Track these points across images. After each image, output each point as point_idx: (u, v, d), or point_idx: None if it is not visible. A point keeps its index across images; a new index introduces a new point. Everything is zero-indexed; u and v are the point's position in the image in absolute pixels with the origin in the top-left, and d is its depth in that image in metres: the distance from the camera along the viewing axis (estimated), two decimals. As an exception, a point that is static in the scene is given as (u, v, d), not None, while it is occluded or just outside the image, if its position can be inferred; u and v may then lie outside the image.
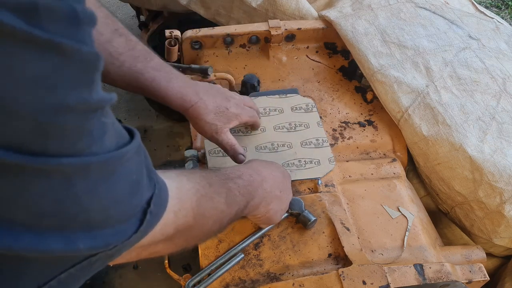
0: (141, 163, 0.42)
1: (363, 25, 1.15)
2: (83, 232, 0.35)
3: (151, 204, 0.42)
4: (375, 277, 0.75)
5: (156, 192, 0.44)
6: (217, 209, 0.59)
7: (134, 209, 0.41)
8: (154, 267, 1.46)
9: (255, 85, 1.08)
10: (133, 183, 0.40)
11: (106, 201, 0.37)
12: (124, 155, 0.38)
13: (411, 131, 1.01)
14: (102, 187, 0.36)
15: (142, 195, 0.42)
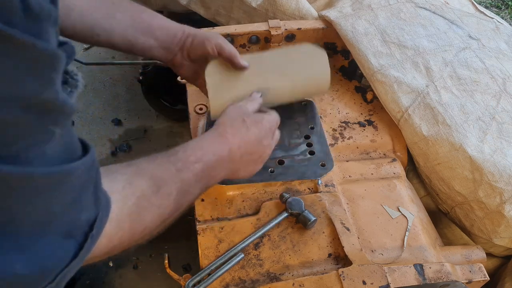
0: (89, 181, 0.40)
1: (363, 25, 1.15)
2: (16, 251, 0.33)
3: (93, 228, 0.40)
4: (375, 277, 0.75)
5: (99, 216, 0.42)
6: (163, 215, 0.56)
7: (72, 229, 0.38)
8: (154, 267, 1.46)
9: (255, 85, 1.08)
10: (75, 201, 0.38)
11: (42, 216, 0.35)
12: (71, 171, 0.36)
13: (411, 131, 1.01)
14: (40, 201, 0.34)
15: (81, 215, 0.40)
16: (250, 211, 0.90)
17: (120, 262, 1.47)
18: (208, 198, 0.92)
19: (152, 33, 0.85)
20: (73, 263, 0.38)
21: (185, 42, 0.87)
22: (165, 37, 0.86)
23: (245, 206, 0.91)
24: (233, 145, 0.69)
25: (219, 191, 0.92)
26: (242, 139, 0.71)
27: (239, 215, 0.89)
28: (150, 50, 0.86)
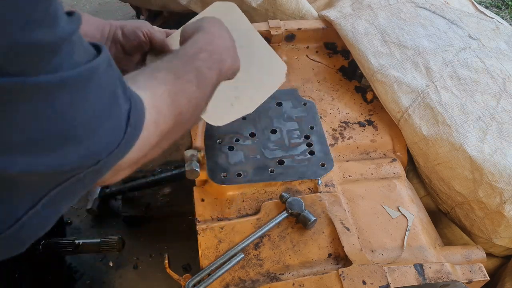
0: (114, 75, 0.43)
1: (363, 25, 1.15)
2: (73, 147, 0.37)
3: (130, 117, 0.43)
4: (375, 277, 0.75)
5: (133, 105, 0.45)
6: (192, 99, 0.60)
7: (115, 121, 0.42)
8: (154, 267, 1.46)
9: (255, 85, 1.08)
10: (110, 94, 0.41)
11: (88, 114, 0.38)
12: (96, 67, 0.39)
13: (411, 131, 1.01)
14: (82, 100, 0.37)
15: (120, 106, 0.43)
16: (250, 211, 0.90)
17: (120, 262, 1.47)
18: (208, 198, 0.92)
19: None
20: (116, 151, 0.42)
21: (115, 34, 0.85)
22: (93, 32, 0.83)
23: (245, 206, 0.91)
24: (216, 35, 0.73)
25: (219, 191, 0.92)
26: (220, 29, 0.76)
27: (239, 215, 0.89)
28: None
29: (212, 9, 0.97)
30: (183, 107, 0.57)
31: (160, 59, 0.62)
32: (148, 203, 1.53)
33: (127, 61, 0.89)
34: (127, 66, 0.89)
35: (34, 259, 1.16)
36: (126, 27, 0.85)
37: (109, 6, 2.44)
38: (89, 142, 0.38)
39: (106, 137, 0.40)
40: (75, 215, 1.58)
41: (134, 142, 0.45)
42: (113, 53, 0.86)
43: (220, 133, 0.99)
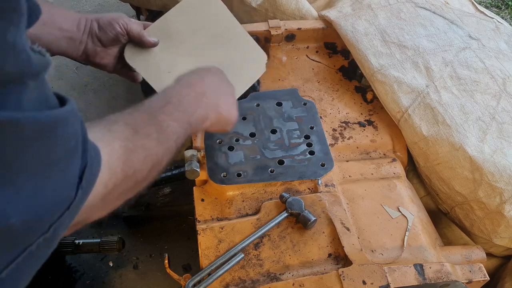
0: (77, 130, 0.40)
1: (363, 25, 1.15)
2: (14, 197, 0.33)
3: (82, 179, 0.40)
4: (375, 277, 0.75)
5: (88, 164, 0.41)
6: (150, 156, 0.56)
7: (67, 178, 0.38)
8: (154, 267, 1.46)
9: (255, 85, 1.08)
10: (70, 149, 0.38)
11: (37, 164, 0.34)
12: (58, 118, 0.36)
13: (411, 131, 1.01)
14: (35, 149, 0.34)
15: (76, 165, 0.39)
16: (250, 211, 0.90)
17: (120, 262, 1.47)
18: (208, 198, 0.92)
19: (55, 23, 0.81)
20: (66, 213, 0.38)
21: (91, 27, 0.85)
22: (69, 26, 0.82)
23: (245, 206, 0.91)
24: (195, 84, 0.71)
25: (219, 191, 0.92)
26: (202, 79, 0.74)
27: (239, 215, 0.89)
28: (57, 42, 0.81)
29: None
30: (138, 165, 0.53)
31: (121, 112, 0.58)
32: (148, 203, 1.53)
33: (105, 53, 0.89)
34: (105, 59, 0.89)
35: (34, 259, 1.16)
36: (102, 20, 0.85)
37: (109, 6, 2.44)
38: (33, 196, 0.34)
39: (54, 195, 0.36)
40: (75, 215, 1.58)
41: (81, 205, 0.41)
42: (90, 46, 0.85)
43: (220, 133, 0.99)
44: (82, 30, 0.84)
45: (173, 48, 0.94)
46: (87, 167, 0.41)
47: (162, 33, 0.94)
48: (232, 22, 0.98)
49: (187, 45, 0.95)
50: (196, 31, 0.96)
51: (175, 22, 0.96)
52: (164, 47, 0.94)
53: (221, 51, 0.96)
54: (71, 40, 0.83)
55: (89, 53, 0.87)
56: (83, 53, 0.86)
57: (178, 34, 0.95)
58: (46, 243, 0.37)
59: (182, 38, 0.95)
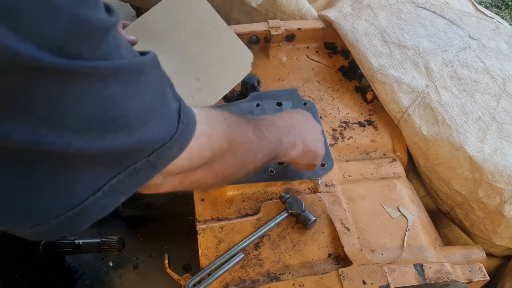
0: (162, 75, 0.45)
1: (363, 25, 1.15)
2: (126, 135, 0.38)
3: (180, 115, 0.44)
4: (375, 277, 0.75)
5: (182, 105, 0.46)
6: (247, 137, 0.60)
7: (166, 116, 0.43)
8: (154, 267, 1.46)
9: (255, 85, 1.08)
10: (159, 91, 0.43)
11: (139, 106, 0.39)
12: (145, 63, 0.40)
13: (411, 131, 1.01)
14: (133, 91, 0.38)
15: (170, 104, 0.44)
16: (250, 211, 0.90)
17: (120, 262, 1.47)
18: (208, 198, 0.92)
19: None
20: (169, 143, 0.43)
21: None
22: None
23: (245, 206, 0.91)
24: (280, 114, 0.77)
25: (219, 191, 0.92)
26: (285, 113, 0.79)
27: (239, 215, 0.89)
28: None
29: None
30: (237, 137, 0.57)
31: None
32: (148, 203, 1.53)
33: None
34: None
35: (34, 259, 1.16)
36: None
37: (109, 6, 2.44)
38: (141, 132, 0.39)
39: (158, 130, 0.41)
40: (75, 215, 1.58)
41: (187, 140, 0.46)
42: None
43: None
44: None
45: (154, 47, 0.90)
46: (181, 107, 0.45)
47: (142, 32, 0.91)
48: (217, 20, 0.95)
49: (168, 43, 0.92)
50: (178, 30, 0.93)
51: (156, 20, 0.93)
52: (144, 46, 0.90)
53: (204, 49, 0.93)
54: None
55: None
56: None
57: (158, 33, 0.92)
58: (148, 166, 0.42)
59: (162, 36, 0.92)
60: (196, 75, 0.89)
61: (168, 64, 0.87)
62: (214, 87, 0.90)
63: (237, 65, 0.94)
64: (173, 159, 0.45)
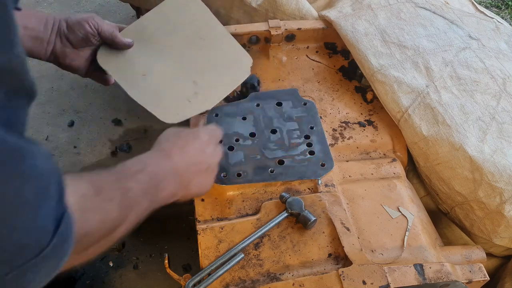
0: (50, 171, 0.38)
1: (363, 25, 1.15)
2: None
3: (60, 225, 0.37)
4: (375, 277, 0.75)
5: (66, 214, 0.39)
6: (106, 220, 0.51)
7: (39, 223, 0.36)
8: (154, 267, 1.46)
9: (255, 85, 1.08)
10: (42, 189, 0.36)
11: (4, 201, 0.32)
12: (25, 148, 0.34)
13: (411, 131, 1.01)
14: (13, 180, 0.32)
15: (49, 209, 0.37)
16: (250, 211, 0.90)
17: (120, 262, 1.47)
18: (208, 198, 0.92)
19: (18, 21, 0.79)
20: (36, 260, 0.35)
21: (60, 27, 0.80)
22: (34, 24, 0.78)
23: (245, 206, 0.91)
24: (174, 156, 0.67)
25: (219, 191, 0.92)
26: (182, 150, 0.69)
27: (239, 215, 0.89)
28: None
29: (171, 1, 0.93)
30: (92, 227, 0.48)
31: (92, 171, 0.54)
32: (148, 203, 1.53)
33: (75, 55, 0.84)
34: (76, 61, 0.85)
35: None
36: (71, 19, 0.81)
37: (109, 6, 2.44)
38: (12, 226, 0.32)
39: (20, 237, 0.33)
40: (75, 215, 1.58)
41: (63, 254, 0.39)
42: (58, 47, 0.82)
43: None
44: (49, 30, 0.80)
45: (150, 50, 0.90)
46: (65, 215, 0.38)
47: (138, 35, 0.89)
48: (215, 24, 0.94)
49: (165, 47, 0.91)
50: (175, 33, 0.91)
51: (153, 24, 0.91)
52: (139, 49, 0.89)
53: (201, 53, 0.91)
54: (37, 40, 0.79)
55: (58, 54, 0.83)
56: (51, 54, 0.82)
57: (155, 36, 0.90)
58: (14, 281, 0.34)
59: (159, 40, 0.90)
60: (194, 78, 0.88)
61: (164, 67, 0.86)
62: (212, 91, 0.88)
63: (236, 69, 0.92)
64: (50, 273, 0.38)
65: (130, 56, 0.88)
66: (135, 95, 0.84)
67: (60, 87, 2.01)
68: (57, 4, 2.45)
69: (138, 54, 0.89)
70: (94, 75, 0.90)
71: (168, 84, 0.87)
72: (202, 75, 0.88)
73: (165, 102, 0.85)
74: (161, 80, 0.87)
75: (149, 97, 0.85)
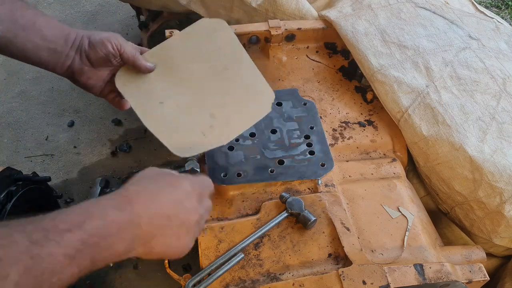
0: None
1: (363, 25, 1.15)
2: None
3: None
4: (375, 277, 0.75)
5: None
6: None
7: None
8: (154, 267, 1.46)
9: (255, 85, 1.08)
10: None
11: None
12: None
13: (411, 131, 1.01)
14: None
15: None
16: (250, 211, 0.90)
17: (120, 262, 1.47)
18: (208, 198, 0.92)
19: (37, 31, 0.72)
20: None
21: (82, 43, 0.77)
22: (55, 37, 0.74)
23: (245, 206, 0.91)
24: (137, 204, 0.52)
25: (219, 191, 0.92)
26: (151, 198, 0.55)
27: (239, 215, 0.89)
28: (35, 51, 0.73)
29: (199, 26, 0.88)
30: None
31: (12, 220, 0.43)
32: (148, 203, 1.53)
33: (92, 74, 0.81)
34: (92, 80, 0.81)
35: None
36: (94, 36, 0.78)
37: (109, 6, 2.44)
38: None
39: None
40: (75, 215, 1.58)
41: None
42: (77, 63, 0.78)
43: None
44: (70, 45, 0.76)
45: (170, 76, 0.85)
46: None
47: (160, 59, 0.85)
48: (241, 53, 0.88)
49: (187, 74, 0.86)
50: (199, 60, 0.87)
51: (177, 49, 0.87)
52: (160, 74, 0.84)
53: (223, 84, 0.86)
54: (55, 53, 0.75)
55: (75, 70, 0.79)
56: (68, 69, 0.78)
57: (178, 62, 0.86)
58: None
59: (182, 66, 0.86)
60: (212, 110, 0.83)
61: (182, 96, 0.83)
62: (229, 126, 0.83)
63: (256, 104, 0.86)
64: None
65: (149, 80, 0.84)
66: (149, 123, 0.80)
67: (60, 87, 2.01)
68: (57, 4, 2.45)
69: (158, 79, 0.84)
70: (109, 97, 0.87)
71: (184, 115, 0.83)
72: (221, 108, 0.83)
73: (179, 134, 0.80)
74: (177, 110, 0.83)
75: (163, 127, 0.81)
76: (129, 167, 1.70)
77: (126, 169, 1.69)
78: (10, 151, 1.78)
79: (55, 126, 1.87)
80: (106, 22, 2.34)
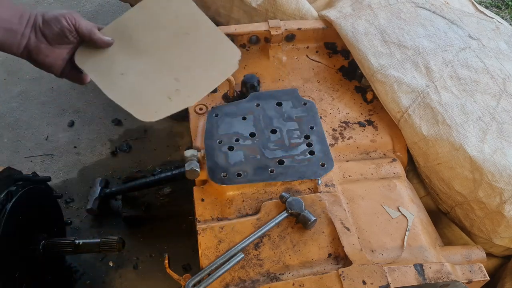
0: None
1: (363, 25, 1.15)
2: None
3: None
4: (375, 277, 0.75)
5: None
6: None
7: None
8: (154, 267, 1.46)
9: (255, 85, 1.08)
10: None
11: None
12: None
13: (411, 131, 1.01)
14: None
15: None
16: (250, 211, 0.90)
17: (120, 262, 1.47)
18: (208, 198, 0.92)
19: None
20: None
21: (36, 20, 0.77)
22: (9, 16, 0.74)
23: (245, 206, 0.91)
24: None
25: (219, 191, 0.92)
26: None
27: (239, 215, 0.89)
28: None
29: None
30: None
31: None
32: (148, 203, 1.53)
33: (50, 52, 0.80)
34: (50, 57, 0.81)
35: (34, 259, 1.16)
36: (48, 14, 0.77)
37: (109, 6, 2.44)
38: None
39: None
40: (75, 215, 1.58)
41: None
42: (33, 42, 0.78)
43: (220, 133, 0.99)
44: (25, 23, 0.76)
45: (130, 48, 0.86)
46: None
47: (119, 33, 0.86)
48: (201, 18, 0.89)
49: (147, 44, 0.87)
50: (158, 30, 0.88)
51: (134, 21, 0.88)
52: (120, 48, 0.85)
53: (186, 49, 0.87)
54: (10, 32, 0.75)
55: (32, 49, 0.78)
56: (24, 48, 0.77)
57: (137, 34, 0.87)
58: None
59: (141, 38, 0.87)
60: (175, 75, 0.84)
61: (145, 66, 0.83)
62: (195, 87, 0.85)
63: (222, 64, 0.87)
64: None
65: (109, 55, 0.85)
66: (111, 93, 0.81)
67: (60, 87, 2.01)
68: (57, 4, 2.45)
69: (118, 53, 0.85)
70: (70, 75, 0.87)
71: (147, 82, 0.84)
72: (185, 72, 0.85)
73: (143, 100, 0.81)
74: (140, 79, 0.84)
75: (126, 96, 0.82)
76: (129, 167, 1.70)
77: (126, 169, 1.69)
78: (10, 151, 1.78)
79: (55, 126, 1.87)
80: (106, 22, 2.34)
